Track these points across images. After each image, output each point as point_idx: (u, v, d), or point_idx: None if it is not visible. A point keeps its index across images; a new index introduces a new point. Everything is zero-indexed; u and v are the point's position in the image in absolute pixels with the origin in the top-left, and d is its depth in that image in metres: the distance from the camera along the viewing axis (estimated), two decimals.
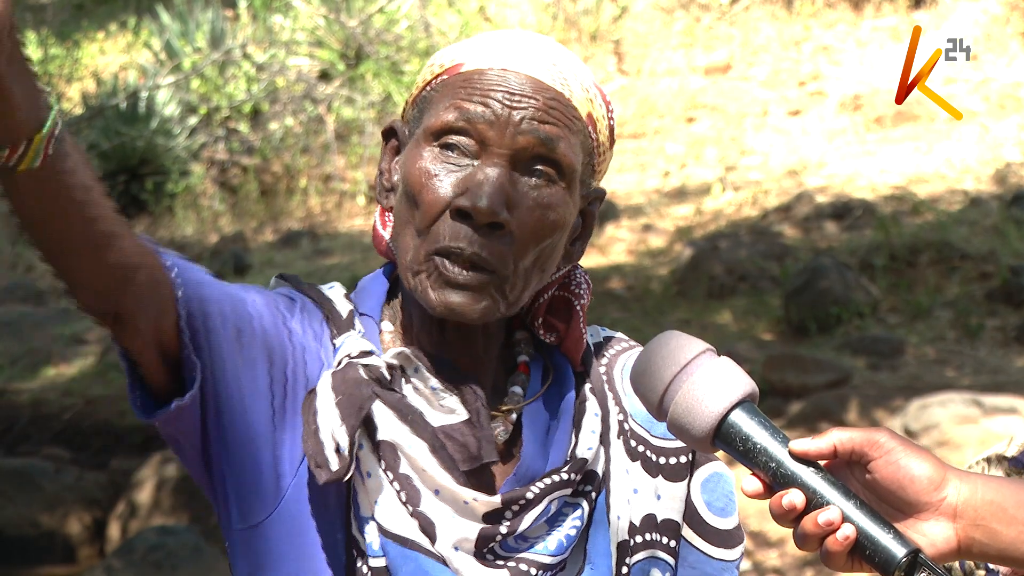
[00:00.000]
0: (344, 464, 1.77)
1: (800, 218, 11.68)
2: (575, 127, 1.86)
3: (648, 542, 1.92)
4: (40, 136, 1.53)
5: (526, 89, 1.84)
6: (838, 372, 9.10)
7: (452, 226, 1.82)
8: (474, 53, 1.87)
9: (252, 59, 14.83)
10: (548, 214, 1.84)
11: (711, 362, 1.71)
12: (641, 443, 1.95)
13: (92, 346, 11.20)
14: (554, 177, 1.85)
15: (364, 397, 1.80)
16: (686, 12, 15.75)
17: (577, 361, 1.96)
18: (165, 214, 14.47)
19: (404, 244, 1.86)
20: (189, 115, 14.78)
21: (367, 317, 1.92)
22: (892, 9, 15.10)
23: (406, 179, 1.86)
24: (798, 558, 7.36)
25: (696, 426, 1.68)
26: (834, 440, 1.66)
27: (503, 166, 1.82)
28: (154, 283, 1.70)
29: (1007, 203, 11.37)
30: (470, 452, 1.84)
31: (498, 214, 1.80)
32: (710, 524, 1.96)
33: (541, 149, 1.83)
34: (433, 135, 1.84)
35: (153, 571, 7.78)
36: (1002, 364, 9.38)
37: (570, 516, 1.87)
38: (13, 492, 9.08)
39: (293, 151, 14.77)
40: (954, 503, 1.64)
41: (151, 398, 1.78)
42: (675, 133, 14.11)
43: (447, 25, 14.91)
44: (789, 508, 1.64)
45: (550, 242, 1.86)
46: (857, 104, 13.73)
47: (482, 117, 1.83)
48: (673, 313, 10.44)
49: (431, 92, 1.88)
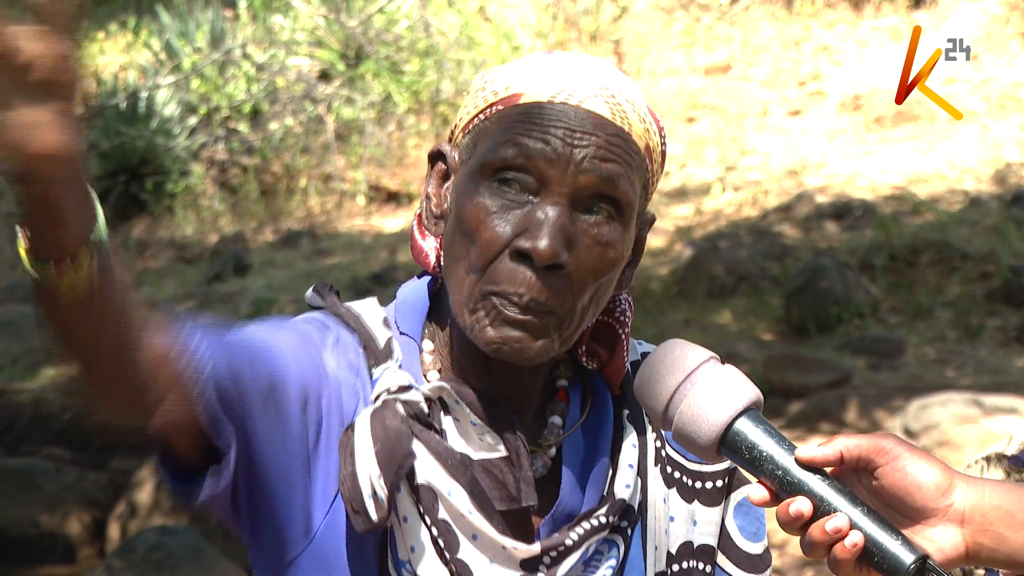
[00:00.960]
0: (383, 515, 1.74)
1: (800, 218, 11.68)
2: (634, 163, 1.82)
3: (685, 570, 1.91)
4: (87, 250, 1.51)
5: (587, 125, 1.79)
6: (838, 372, 9.10)
7: (511, 268, 1.78)
8: (531, 83, 1.82)
9: (252, 59, 14.83)
10: (607, 252, 1.81)
11: (715, 370, 1.70)
12: (677, 469, 1.93)
13: None
14: (613, 214, 1.81)
15: (404, 452, 1.76)
16: (686, 12, 15.75)
17: (617, 385, 1.93)
18: (165, 214, 14.47)
19: (457, 279, 1.81)
20: (189, 115, 14.78)
21: (407, 337, 1.88)
22: (892, 9, 15.10)
23: (462, 214, 1.81)
24: (798, 558, 7.36)
25: (701, 435, 1.68)
26: (840, 447, 1.65)
27: (563, 205, 1.78)
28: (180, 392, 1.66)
29: (1007, 203, 11.37)
30: (508, 492, 1.82)
31: (559, 256, 1.77)
32: (742, 549, 1.94)
33: (602, 188, 1.79)
34: (491, 171, 1.79)
35: (153, 571, 7.78)
36: (1002, 364, 9.38)
37: (605, 555, 1.86)
38: (13, 492, 9.08)
39: (293, 151, 14.77)
40: (962, 509, 1.63)
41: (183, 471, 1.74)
42: (675, 133, 14.11)
43: (447, 25, 14.91)
44: (796, 516, 1.63)
45: (607, 279, 1.83)
46: (857, 104, 13.74)
47: (543, 155, 1.78)
48: (673, 313, 10.44)
49: (486, 123, 1.83)
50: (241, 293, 11.77)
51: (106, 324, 1.56)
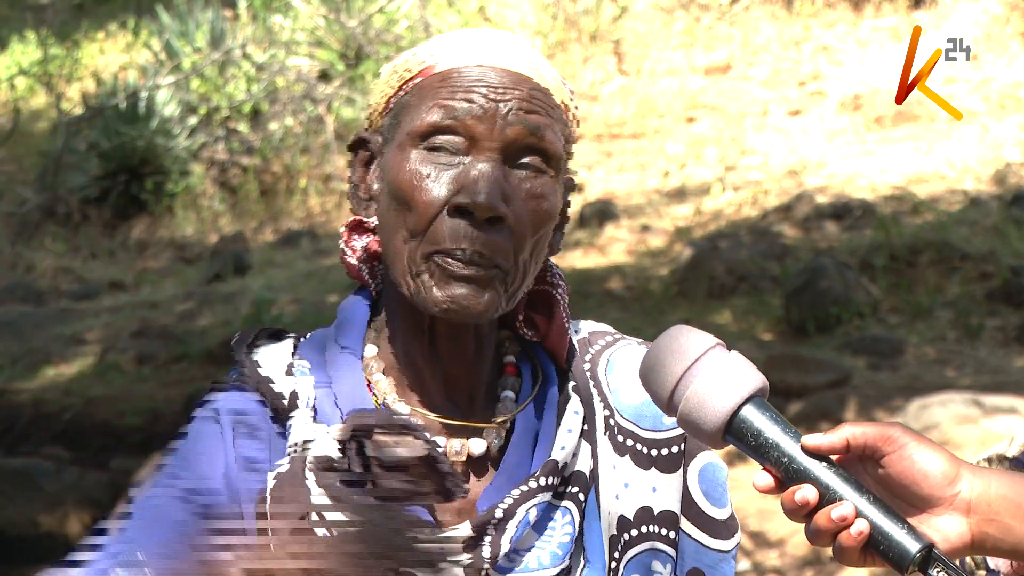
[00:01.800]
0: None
1: (800, 218, 11.68)
2: (556, 115, 1.86)
3: (646, 534, 1.91)
4: None
5: (507, 82, 1.83)
6: (838, 372, 9.10)
7: (451, 225, 1.80)
8: (444, 53, 1.86)
9: (252, 59, 14.83)
10: (542, 203, 1.84)
11: (722, 357, 1.71)
12: (630, 437, 1.92)
13: (92, 346, 11.20)
14: (543, 167, 1.84)
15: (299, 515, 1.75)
16: (686, 12, 15.75)
17: (563, 356, 1.94)
18: (165, 214, 14.47)
19: (396, 249, 1.84)
20: (189, 115, 14.78)
21: (347, 352, 1.88)
22: (892, 9, 15.10)
23: (395, 184, 1.83)
24: (798, 558, 7.36)
25: (707, 421, 1.68)
26: (847, 434, 1.66)
27: (495, 159, 1.81)
28: None
29: (1007, 203, 11.37)
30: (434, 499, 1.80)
31: (498, 207, 1.79)
32: (707, 514, 1.93)
33: (531, 139, 1.83)
34: (419, 136, 1.83)
35: None
36: (1002, 364, 9.38)
37: (559, 522, 1.86)
38: (13, 492, 9.08)
39: (293, 151, 14.77)
40: (968, 498, 1.64)
41: None
42: (675, 133, 14.11)
43: (447, 25, 14.91)
44: (802, 503, 1.64)
45: (544, 231, 1.85)
46: (857, 104, 13.74)
47: (469, 112, 1.81)
48: (673, 313, 10.44)
49: (405, 97, 1.87)
50: (241, 293, 11.77)
51: None
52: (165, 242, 14.18)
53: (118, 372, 10.66)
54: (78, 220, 14.34)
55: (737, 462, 8.36)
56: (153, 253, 14.01)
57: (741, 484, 2.92)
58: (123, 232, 14.43)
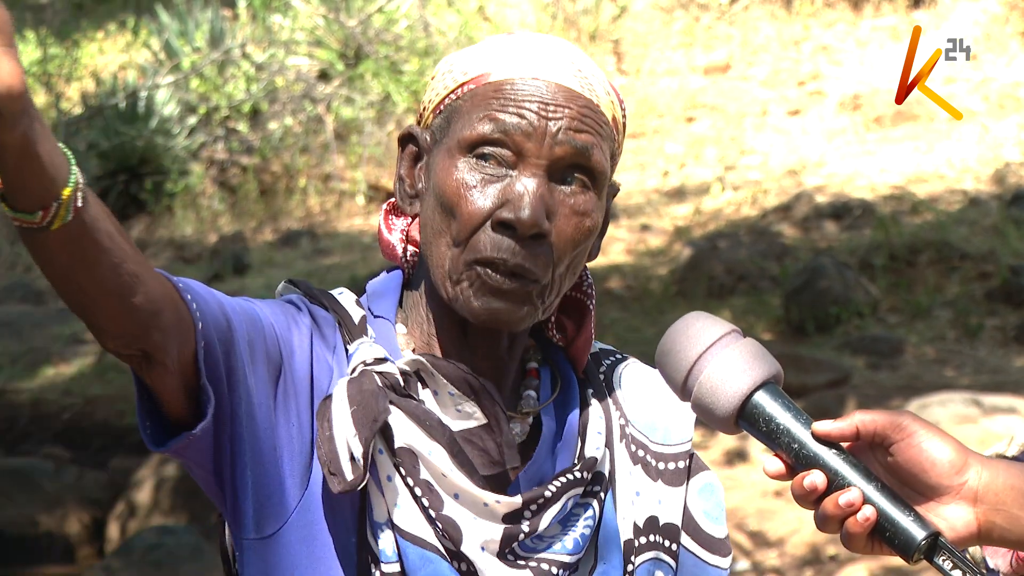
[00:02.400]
0: (358, 475, 1.78)
1: (799, 218, 11.68)
2: (605, 133, 1.88)
3: (652, 543, 1.95)
4: (68, 192, 1.53)
5: (559, 98, 1.86)
6: (838, 372, 9.11)
7: (493, 238, 1.83)
8: (500, 62, 1.88)
9: (251, 59, 14.83)
10: (584, 221, 1.87)
11: (736, 343, 1.72)
12: (641, 448, 1.97)
13: (92, 346, 11.20)
14: (588, 184, 1.87)
15: (379, 409, 1.81)
16: (685, 12, 15.75)
17: (582, 365, 1.98)
18: (164, 214, 14.47)
19: (439, 254, 1.87)
20: (188, 115, 14.78)
21: (382, 319, 1.93)
22: (892, 9, 15.10)
23: (441, 190, 1.86)
24: (797, 558, 7.36)
25: (720, 406, 1.70)
26: (856, 422, 1.67)
27: (541, 176, 1.84)
28: (178, 320, 1.70)
29: (1007, 203, 11.37)
30: (491, 457, 1.86)
31: (541, 225, 1.83)
32: (706, 531, 1.98)
33: (577, 158, 1.86)
34: (468, 146, 1.85)
35: (152, 571, 7.79)
36: (1002, 364, 9.38)
37: (582, 516, 1.90)
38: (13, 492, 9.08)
39: (292, 151, 14.77)
40: (975, 487, 1.65)
41: (161, 425, 1.77)
42: (674, 133, 14.11)
43: (446, 25, 14.91)
44: (811, 488, 1.65)
45: (584, 247, 1.89)
46: (857, 104, 13.74)
47: (518, 128, 1.84)
48: (673, 313, 10.44)
49: (458, 102, 1.88)
50: (241, 293, 11.74)
51: (99, 259, 1.59)
52: (164, 242, 14.18)
53: (118, 372, 10.66)
54: None
55: (737, 461, 8.36)
56: (152, 253, 14.01)
57: (741, 484, 2.93)
58: None
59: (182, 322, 1.70)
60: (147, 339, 1.67)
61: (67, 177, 1.54)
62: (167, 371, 1.72)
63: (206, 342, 1.74)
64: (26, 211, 1.53)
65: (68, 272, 1.60)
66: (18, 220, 1.53)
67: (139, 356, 1.70)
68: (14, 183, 1.51)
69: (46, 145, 1.51)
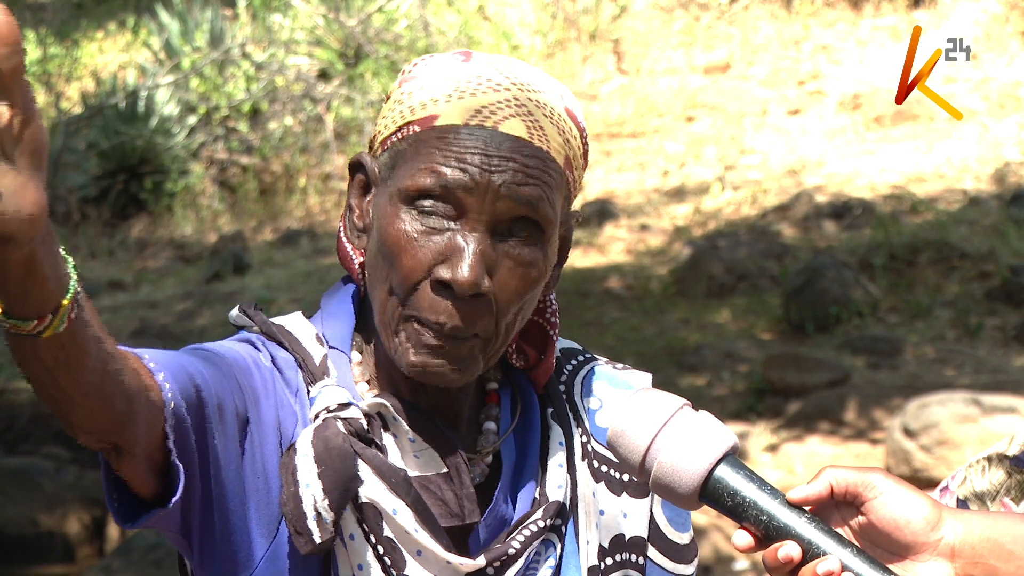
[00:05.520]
0: (327, 537, 1.75)
1: (799, 217, 11.68)
2: (553, 181, 1.82)
3: (619, 563, 1.92)
4: (67, 302, 1.46)
5: (503, 150, 1.78)
6: (837, 371, 9.10)
7: (432, 299, 1.78)
8: (447, 103, 1.81)
9: (251, 58, 14.83)
10: (529, 272, 1.81)
11: (690, 418, 1.68)
12: (604, 463, 1.94)
13: None
14: (533, 235, 1.81)
15: (351, 475, 1.77)
16: (685, 11, 15.75)
17: (541, 384, 1.94)
18: (164, 213, 14.47)
19: (380, 300, 1.82)
20: (188, 114, 14.78)
21: (337, 351, 1.89)
22: (892, 8, 15.10)
23: (383, 237, 1.81)
24: None
25: (681, 486, 1.66)
26: (829, 480, 1.65)
27: (482, 231, 1.78)
28: (149, 406, 1.64)
29: (1006, 202, 11.37)
30: (449, 509, 1.82)
31: (479, 285, 1.77)
32: (671, 540, 1.95)
33: (522, 211, 1.79)
34: (409, 198, 1.79)
35: (152, 570, 7.79)
36: (1002, 363, 9.38)
37: (543, 556, 1.87)
38: (13, 491, 9.08)
39: (292, 150, 14.77)
40: (951, 542, 1.63)
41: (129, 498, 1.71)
42: (674, 132, 14.11)
43: (446, 24, 14.91)
44: (786, 560, 1.62)
45: (531, 295, 1.83)
46: (856, 103, 13.74)
47: (460, 184, 1.77)
48: (672, 312, 10.45)
49: (402, 144, 1.82)
50: (240, 292, 11.77)
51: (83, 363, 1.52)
52: (164, 241, 14.18)
53: None
54: (77, 219, 14.34)
55: None
56: (152, 252, 14.01)
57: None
58: (122, 231, 14.43)
59: (153, 406, 1.64)
60: (120, 433, 1.61)
61: (67, 287, 1.46)
62: (136, 460, 1.65)
63: (176, 419, 1.67)
64: (20, 319, 1.45)
65: (50, 374, 1.53)
66: (9, 325, 1.46)
67: (110, 448, 1.63)
68: (13, 293, 1.43)
69: (51, 259, 1.43)
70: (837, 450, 8.24)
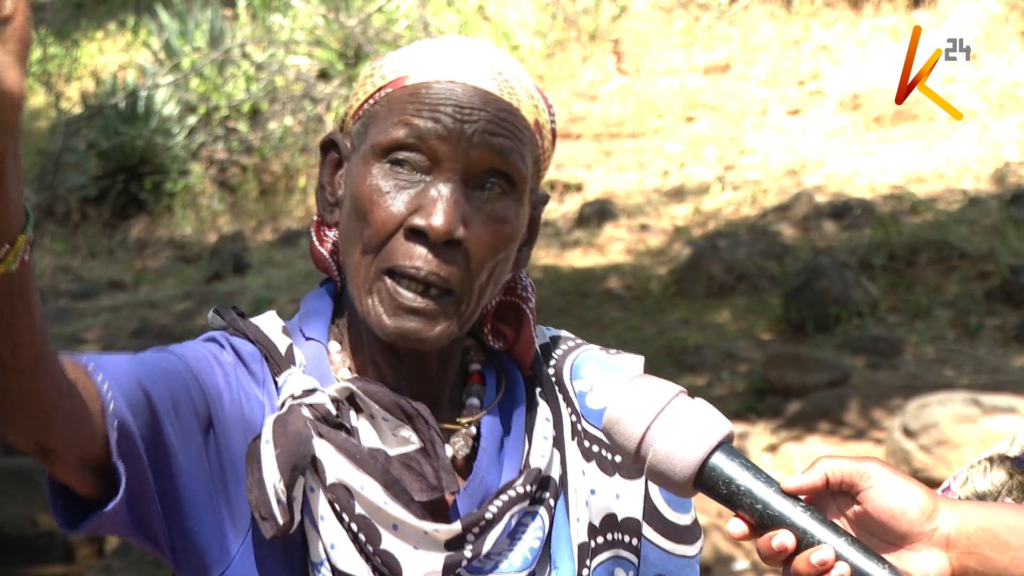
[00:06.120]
0: (287, 520, 1.75)
1: (799, 217, 11.68)
2: (524, 137, 1.84)
3: (611, 542, 1.92)
4: (23, 238, 1.44)
5: (475, 102, 1.81)
6: (837, 371, 9.10)
7: (406, 246, 1.79)
8: (418, 65, 1.84)
9: (251, 58, 14.83)
10: (503, 227, 1.82)
11: (685, 406, 1.68)
12: (596, 443, 1.94)
13: (91, 345, 11.19)
14: (507, 189, 1.83)
15: (301, 454, 1.76)
16: (685, 11, 15.75)
17: (527, 365, 1.94)
18: (164, 213, 14.47)
19: (354, 262, 1.83)
20: (188, 114, 14.78)
21: (314, 341, 1.89)
22: (891, 8, 15.10)
23: (355, 196, 1.82)
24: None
25: (676, 473, 1.66)
26: (824, 469, 1.65)
27: (456, 181, 1.80)
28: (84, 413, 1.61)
29: (1006, 202, 11.37)
30: (428, 483, 1.82)
31: (455, 231, 1.78)
32: (670, 520, 1.95)
33: (494, 162, 1.81)
34: (382, 152, 1.81)
35: (152, 570, 7.79)
36: (1002, 363, 9.38)
37: (530, 527, 1.87)
38: (13, 491, 9.08)
39: (292, 150, 14.77)
40: (946, 532, 1.63)
41: (75, 504, 1.70)
42: (674, 132, 14.11)
43: (446, 24, 14.91)
44: (780, 549, 1.62)
45: (504, 255, 1.84)
46: (856, 103, 13.74)
47: (433, 133, 1.80)
48: (672, 312, 10.45)
49: (375, 107, 1.85)
50: (240, 292, 11.77)
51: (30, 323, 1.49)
52: (164, 241, 14.18)
53: None
54: (77, 219, 14.34)
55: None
56: (152, 252, 14.01)
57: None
58: (122, 231, 14.43)
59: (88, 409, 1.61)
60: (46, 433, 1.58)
61: (23, 225, 1.43)
62: (67, 463, 1.62)
63: (119, 420, 1.66)
64: None
65: None
66: None
67: (37, 450, 1.60)
68: None
69: (15, 182, 1.42)
70: (837, 450, 8.23)
